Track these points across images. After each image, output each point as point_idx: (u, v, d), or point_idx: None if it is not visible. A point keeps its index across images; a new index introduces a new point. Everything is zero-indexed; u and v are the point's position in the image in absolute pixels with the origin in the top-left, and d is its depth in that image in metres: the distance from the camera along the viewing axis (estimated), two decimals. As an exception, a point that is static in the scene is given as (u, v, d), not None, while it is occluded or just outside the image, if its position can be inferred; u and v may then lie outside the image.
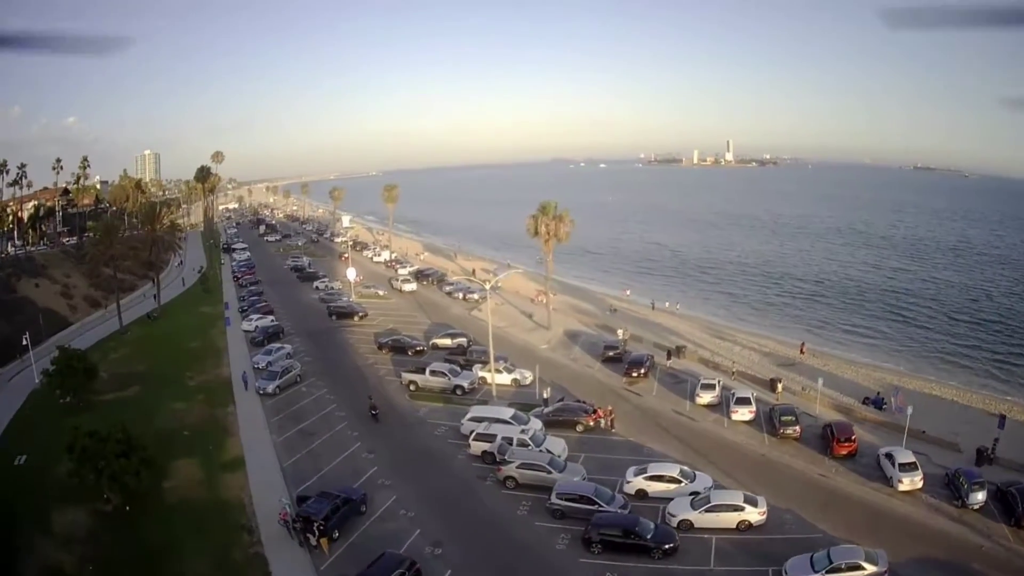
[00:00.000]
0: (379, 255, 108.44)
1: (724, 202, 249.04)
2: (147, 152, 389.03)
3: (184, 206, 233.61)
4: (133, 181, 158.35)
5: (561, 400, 45.33)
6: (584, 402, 44.51)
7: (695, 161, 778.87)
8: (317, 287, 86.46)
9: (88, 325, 79.93)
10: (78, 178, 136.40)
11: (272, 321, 66.91)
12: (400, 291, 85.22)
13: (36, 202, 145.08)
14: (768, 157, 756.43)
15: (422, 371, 49.01)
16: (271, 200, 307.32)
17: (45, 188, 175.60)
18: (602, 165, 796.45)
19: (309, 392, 49.84)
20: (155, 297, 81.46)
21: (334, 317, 69.15)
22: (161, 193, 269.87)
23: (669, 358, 55.70)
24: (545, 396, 45.68)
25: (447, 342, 58.20)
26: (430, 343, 58.82)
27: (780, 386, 48.35)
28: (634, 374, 51.48)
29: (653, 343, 60.94)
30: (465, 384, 47.96)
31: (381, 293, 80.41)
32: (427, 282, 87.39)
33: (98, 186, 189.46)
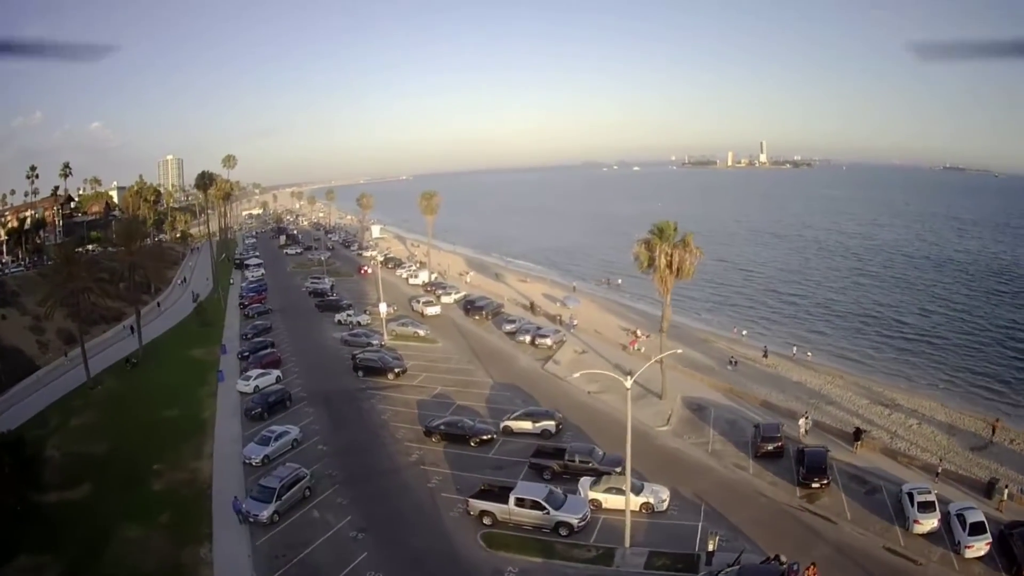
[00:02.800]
0: (416, 275, 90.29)
1: (778, 209, 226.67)
2: (169, 157, 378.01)
3: (209, 211, 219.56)
4: (136, 188, 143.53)
5: (739, 558, 26.87)
6: (781, 560, 25.92)
7: (729, 163, 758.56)
8: (340, 321, 69.01)
9: (61, 369, 63.62)
10: (55, 188, 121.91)
11: (276, 383, 49.55)
12: (422, 314, 70.37)
13: (31, 212, 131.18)
14: (799, 158, 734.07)
15: (502, 496, 30.76)
16: (296, 206, 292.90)
17: (55, 195, 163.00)
18: (636, 168, 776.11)
19: (324, 521, 31.92)
20: (132, 329, 65.01)
21: (360, 373, 51.46)
22: (184, 198, 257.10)
23: (858, 438, 38.50)
24: (710, 547, 27.37)
25: (526, 426, 39.90)
26: (500, 425, 40.59)
27: (1006, 492, 32.05)
28: (815, 484, 33.29)
29: (805, 418, 42.17)
30: (574, 520, 29.54)
31: (421, 333, 62.53)
32: (480, 316, 68.93)
33: (113, 192, 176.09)
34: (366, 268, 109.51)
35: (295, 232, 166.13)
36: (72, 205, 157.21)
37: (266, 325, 68.06)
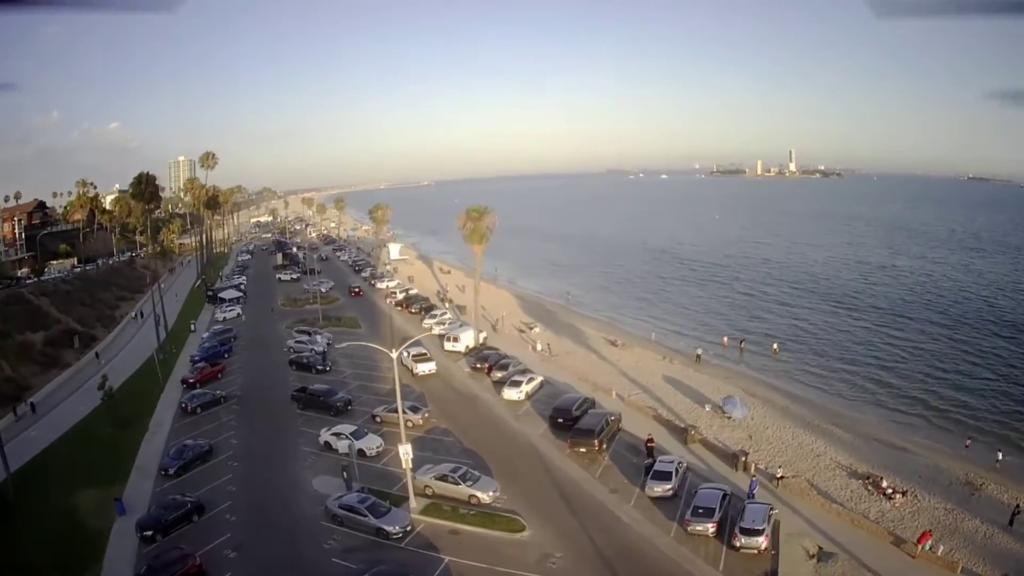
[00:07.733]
0: (456, 338, 58.14)
1: (844, 228, 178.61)
2: (181, 158, 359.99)
3: (217, 217, 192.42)
4: (86, 198, 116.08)
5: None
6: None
7: (759, 172, 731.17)
8: (328, 443, 38.36)
9: None
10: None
11: None
12: (413, 373, 50.17)
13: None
14: (823, 168, 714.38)
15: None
16: (308, 213, 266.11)
17: (35, 199, 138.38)
18: (663, 176, 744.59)
19: None
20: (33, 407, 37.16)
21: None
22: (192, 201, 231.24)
23: None
24: None
25: None
26: None
27: None
28: None
29: None
30: None
31: (485, 498, 30.97)
32: (591, 446, 36.23)
33: (107, 197, 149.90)
34: (358, 288, 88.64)
35: (294, 249, 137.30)
36: (44, 214, 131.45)
37: (202, 448, 37.84)
